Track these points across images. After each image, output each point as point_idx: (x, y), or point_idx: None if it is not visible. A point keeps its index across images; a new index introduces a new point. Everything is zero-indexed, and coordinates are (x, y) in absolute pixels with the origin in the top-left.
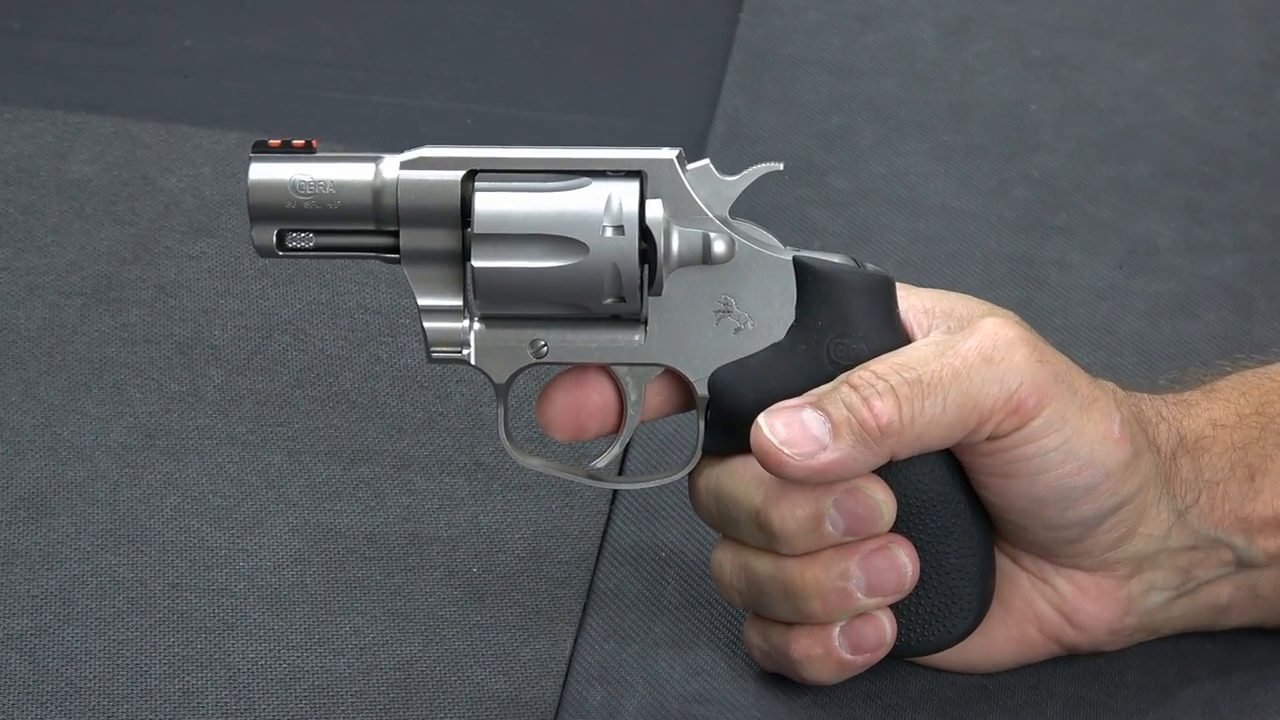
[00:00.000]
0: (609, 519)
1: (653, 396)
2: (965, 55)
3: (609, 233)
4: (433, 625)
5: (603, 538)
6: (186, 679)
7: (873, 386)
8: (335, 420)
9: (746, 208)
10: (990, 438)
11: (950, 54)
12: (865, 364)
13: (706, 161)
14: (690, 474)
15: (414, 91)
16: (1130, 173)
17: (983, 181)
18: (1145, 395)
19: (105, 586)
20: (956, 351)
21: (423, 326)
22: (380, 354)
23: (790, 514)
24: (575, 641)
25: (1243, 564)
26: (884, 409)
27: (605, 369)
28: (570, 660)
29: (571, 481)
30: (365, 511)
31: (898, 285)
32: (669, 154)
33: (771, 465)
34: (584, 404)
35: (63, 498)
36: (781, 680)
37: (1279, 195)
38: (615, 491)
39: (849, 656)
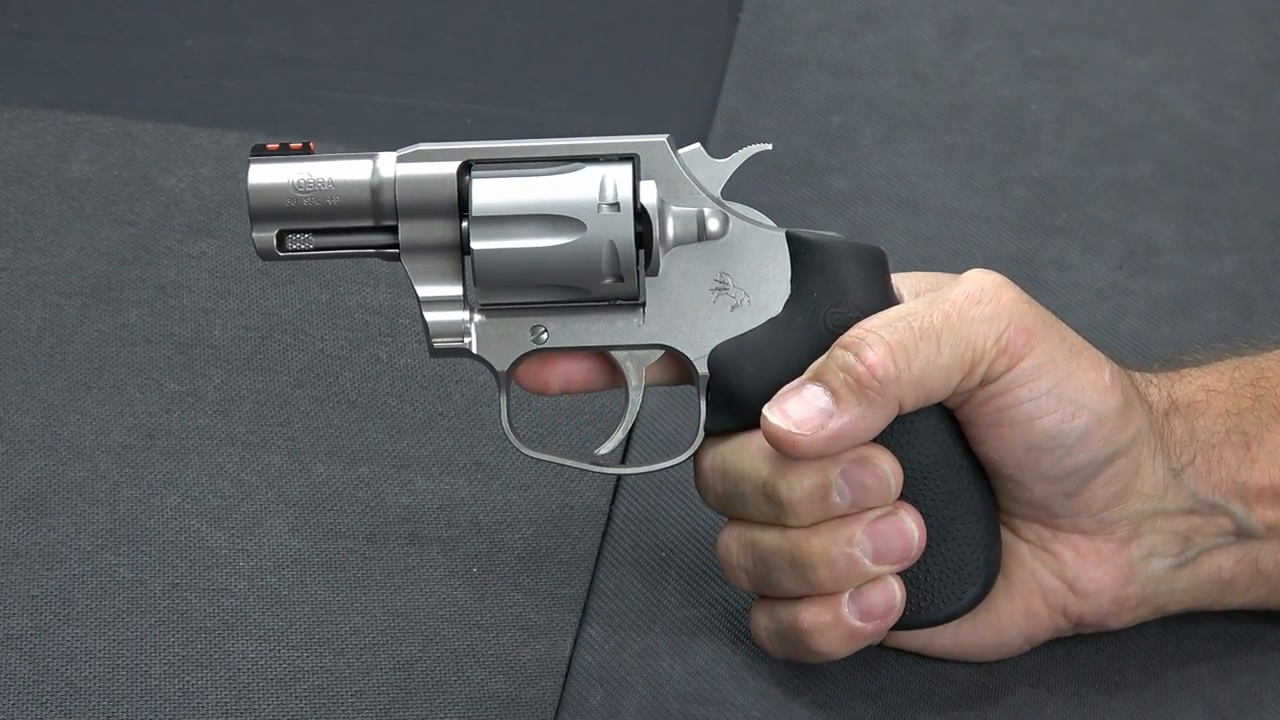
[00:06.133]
0: (609, 519)
1: (652, 372)
2: (965, 55)
3: (604, 210)
4: (433, 625)
5: (603, 538)
6: (186, 679)
7: (862, 340)
8: (335, 420)
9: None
10: (983, 382)
11: (950, 54)
12: (857, 324)
13: (698, 145)
14: (695, 456)
15: (414, 91)
16: (1130, 173)
17: (983, 181)
18: (1134, 371)
19: (105, 586)
20: (945, 298)
21: (424, 318)
22: (380, 354)
23: (798, 483)
24: (575, 642)
25: (1242, 534)
26: (875, 358)
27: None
28: (570, 660)
29: (575, 475)
30: (365, 511)
31: (892, 276)
32: (660, 138)
33: (785, 448)
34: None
35: (63, 498)
36: (782, 680)
37: (1279, 195)
38: (615, 492)
39: (858, 624)
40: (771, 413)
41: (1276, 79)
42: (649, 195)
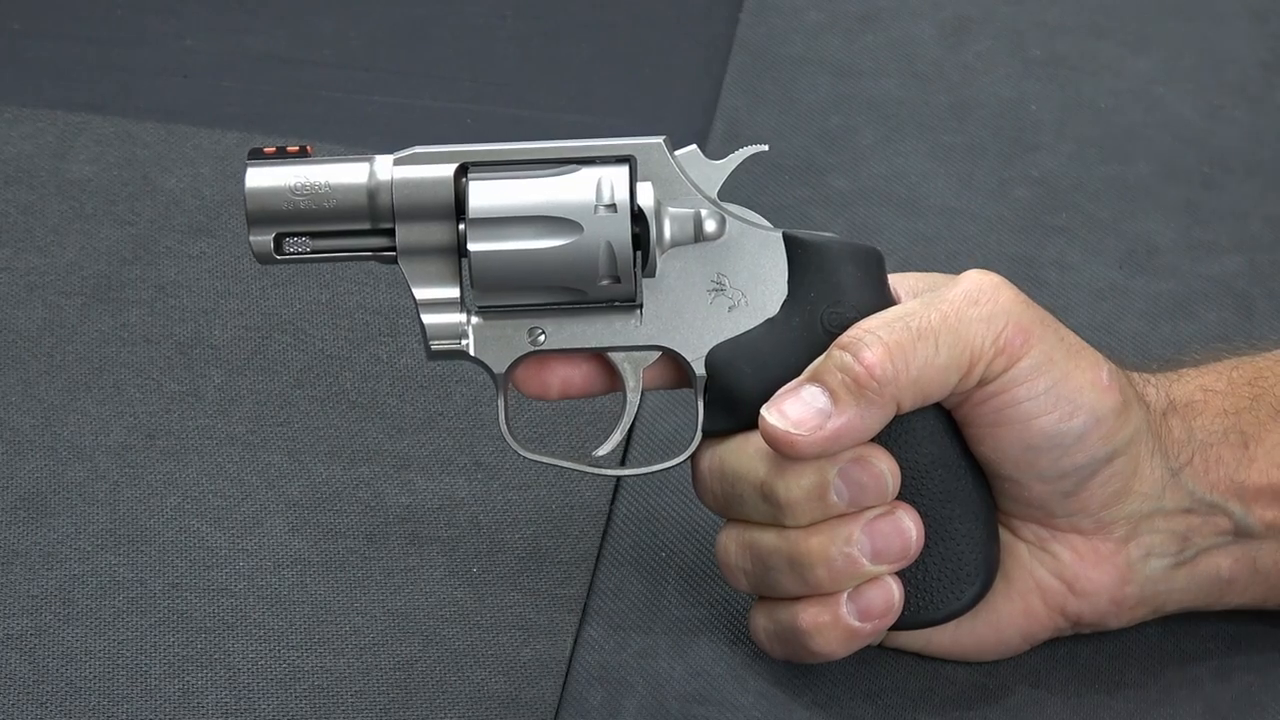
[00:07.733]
0: (609, 519)
1: (650, 375)
2: (965, 55)
3: (601, 211)
4: (433, 625)
5: (603, 538)
6: (186, 679)
7: (860, 341)
8: (335, 420)
9: (745, 207)
10: (981, 382)
11: (950, 54)
12: (855, 324)
13: (694, 147)
14: (693, 457)
15: (414, 91)
16: (1130, 173)
17: (983, 181)
18: (1132, 371)
19: (105, 586)
20: (943, 298)
21: (421, 320)
22: (380, 354)
23: (795, 483)
24: (575, 641)
25: (1240, 533)
26: (873, 358)
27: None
28: (570, 660)
29: (575, 474)
30: (365, 511)
31: (889, 276)
32: (656, 140)
33: (783, 448)
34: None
35: (63, 498)
36: (782, 680)
37: (1279, 195)
38: (615, 492)
39: (857, 624)
40: (769, 413)
41: (1276, 79)
42: (646, 197)
